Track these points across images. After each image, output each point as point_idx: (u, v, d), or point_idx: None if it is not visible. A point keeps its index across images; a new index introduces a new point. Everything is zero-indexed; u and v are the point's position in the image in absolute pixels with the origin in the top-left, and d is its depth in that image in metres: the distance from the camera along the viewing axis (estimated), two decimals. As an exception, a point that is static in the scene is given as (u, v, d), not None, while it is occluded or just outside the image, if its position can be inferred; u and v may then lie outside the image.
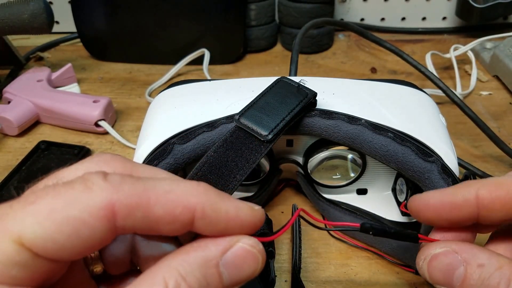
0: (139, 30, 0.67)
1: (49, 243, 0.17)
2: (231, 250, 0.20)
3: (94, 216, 0.17)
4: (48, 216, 0.17)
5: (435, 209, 0.24)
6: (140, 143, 0.36)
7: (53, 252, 0.17)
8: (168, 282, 0.18)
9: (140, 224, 0.18)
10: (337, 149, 0.39)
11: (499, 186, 0.23)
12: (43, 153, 0.50)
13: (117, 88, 0.64)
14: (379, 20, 0.79)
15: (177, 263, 0.19)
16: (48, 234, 0.17)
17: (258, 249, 0.20)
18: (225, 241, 0.20)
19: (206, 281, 0.19)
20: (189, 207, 0.19)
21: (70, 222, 0.17)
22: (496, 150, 0.47)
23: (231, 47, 0.69)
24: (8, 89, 0.56)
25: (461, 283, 0.22)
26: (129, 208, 0.18)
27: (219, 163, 0.29)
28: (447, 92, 0.50)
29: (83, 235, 0.17)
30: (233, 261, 0.20)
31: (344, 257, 0.38)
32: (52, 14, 0.55)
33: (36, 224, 0.17)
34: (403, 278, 0.36)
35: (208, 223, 0.19)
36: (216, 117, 0.35)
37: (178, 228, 0.19)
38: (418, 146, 0.33)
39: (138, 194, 0.18)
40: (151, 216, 0.18)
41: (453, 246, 0.23)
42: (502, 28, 0.75)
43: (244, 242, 0.20)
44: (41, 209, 0.17)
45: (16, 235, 0.17)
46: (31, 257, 0.17)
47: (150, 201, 0.18)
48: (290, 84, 0.34)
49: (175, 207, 0.19)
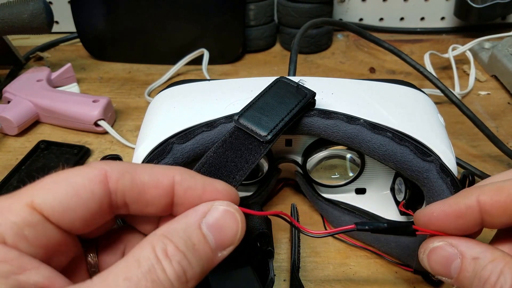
0: (138, 30, 0.68)
1: (56, 205, 0.19)
2: (209, 212, 0.22)
3: (91, 180, 0.20)
4: (54, 185, 0.20)
5: (440, 220, 0.25)
6: (140, 142, 0.36)
7: (60, 215, 0.20)
8: (155, 245, 0.20)
9: (130, 188, 0.21)
10: (336, 149, 0.39)
11: (499, 191, 0.23)
12: (43, 153, 0.50)
13: (117, 88, 0.64)
14: (378, 20, 0.80)
15: (162, 230, 0.21)
16: (55, 198, 0.19)
17: (234, 208, 0.22)
18: (202, 206, 0.22)
19: (191, 241, 0.21)
20: (170, 174, 0.22)
21: (72, 186, 0.20)
22: (494, 150, 0.48)
23: (230, 47, 0.69)
24: (8, 89, 0.56)
25: (457, 275, 0.23)
26: (119, 173, 0.21)
27: (218, 164, 0.30)
28: (445, 92, 0.50)
29: (84, 197, 0.20)
30: (214, 222, 0.22)
31: (343, 256, 0.38)
32: (51, 14, 0.55)
33: (45, 191, 0.20)
34: (402, 277, 0.36)
35: (186, 187, 0.22)
36: (215, 117, 0.35)
37: (162, 193, 0.22)
38: (416, 146, 0.33)
39: (126, 166, 0.22)
40: (138, 180, 0.21)
41: (450, 239, 0.24)
42: (500, 28, 0.75)
43: (219, 204, 0.22)
44: (48, 181, 0.20)
45: (28, 200, 0.19)
46: (42, 220, 0.19)
47: (137, 169, 0.22)
48: (289, 84, 0.34)
49: (157, 174, 0.22)
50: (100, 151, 0.52)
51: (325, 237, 0.40)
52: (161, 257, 0.19)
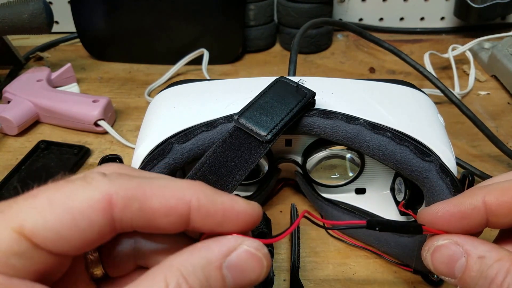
0: (138, 30, 0.68)
1: (49, 233, 0.17)
2: (235, 252, 0.19)
3: (92, 208, 0.18)
4: (49, 207, 0.17)
5: (444, 220, 0.24)
6: (139, 142, 0.36)
7: (53, 243, 0.17)
8: (169, 282, 0.18)
9: (137, 217, 0.19)
10: (336, 149, 0.39)
11: (505, 192, 0.23)
12: (43, 153, 0.50)
13: (117, 88, 0.64)
14: (378, 20, 0.80)
15: (179, 263, 0.19)
16: (48, 225, 0.17)
17: (263, 253, 0.20)
18: (229, 242, 0.20)
19: (208, 283, 0.19)
20: (184, 198, 0.19)
21: (69, 213, 0.17)
22: (494, 150, 0.48)
23: (230, 47, 0.69)
24: (8, 89, 0.56)
25: (462, 274, 0.23)
26: (126, 200, 0.18)
27: (218, 163, 0.30)
28: (445, 92, 0.50)
29: (82, 226, 0.18)
30: (237, 264, 0.19)
31: (343, 256, 0.38)
32: (51, 14, 0.55)
33: (37, 215, 0.17)
34: (401, 277, 0.36)
35: (204, 214, 0.19)
36: (215, 116, 0.35)
37: (175, 221, 0.19)
38: (416, 146, 0.33)
39: (134, 187, 0.19)
40: (148, 208, 0.19)
41: (455, 238, 0.24)
42: (500, 28, 0.75)
43: (248, 244, 0.20)
44: (42, 201, 0.18)
45: (17, 224, 0.17)
46: (31, 247, 0.17)
47: (146, 193, 0.19)
48: (289, 84, 0.35)
49: (170, 198, 0.19)
50: (100, 151, 0.52)
51: (322, 234, 0.40)
52: None
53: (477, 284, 0.22)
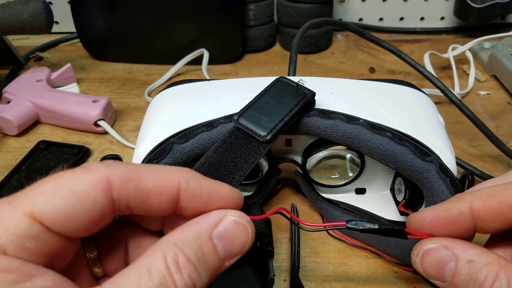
0: (138, 30, 0.68)
1: (57, 215, 0.19)
2: (221, 223, 0.22)
3: (94, 188, 0.20)
4: (55, 191, 0.19)
5: (432, 225, 0.25)
6: (139, 142, 0.36)
7: (62, 224, 0.19)
8: (166, 254, 0.20)
9: (133, 196, 0.21)
10: (336, 149, 0.39)
11: (491, 197, 0.23)
12: (43, 153, 0.50)
13: (117, 88, 0.64)
14: (378, 20, 0.80)
15: (174, 238, 0.21)
16: (56, 207, 0.19)
17: (246, 220, 0.23)
18: (215, 214, 0.22)
19: (202, 252, 0.21)
20: (174, 179, 0.22)
21: (74, 195, 0.19)
22: (494, 150, 0.48)
23: (230, 47, 0.69)
24: (7, 89, 0.56)
25: (451, 278, 0.23)
26: (123, 180, 0.21)
27: (218, 163, 0.30)
28: (445, 92, 0.50)
29: (86, 206, 0.20)
30: (225, 232, 0.22)
31: (343, 256, 0.38)
32: (51, 14, 0.55)
33: (45, 199, 0.19)
34: (402, 277, 0.36)
35: (191, 194, 0.22)
36: (215, 117, 0.35)
37: (166, 200, 0.22)
38: (416, 146, 0.33)
39: (130, 170, 0.21)
40: (142, 188, 0.21)
41: (444, 242, 0.24)
42: (500, 28, 0.75)
43: (231, 214, 0.22)
44: (48, 187, 0.19)
45: (28, 210, 0.19)
46: (43, 230, 0.19)
47: (141, 175, 0.21)
48: (289, 84, 0.35)
49: (162, 179, 0.21)
50: (100, 151, 0.52)
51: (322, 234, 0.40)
52: (172, 269, 0.19)
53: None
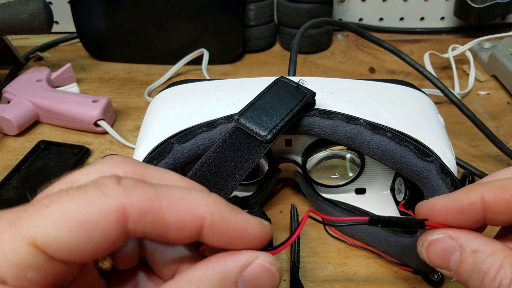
0: (138, 30, 0.68)
1: (62, 245, 0.17)
2: (250, 267, 0.20)
3: (107, 219, 0.18)
4: (62, 219, 0.17)
5: (441, 214, 0.24)
6: (139, 142, 0.36)
7: (67, 254, 0.17)
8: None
9: (151, 229, 0.19)
10: (336, 149, 0.39)
11: (504, 189, 0.23)
12: (43, 153, 0.50)
13: (117, 88, 0.64)
14: (378, 20, 0.80)
15: (197, 278, 0.19)
16: (62, 237, 0.17)
17: (276, 267, 0.20)
18: (244, 257, 0.20)
19: None
20: (199, 215, 0.19)
21: (83, 225, 0.17)
22: (494, 150, 0.48)
23: (230, 47, 0.69)
24: (7, 89, 0.56)
25: (457, 267, 0.23)
26: (141, 212, 0.18)
27: (218, 163, 0.30)
28: (445, 92, 0.50)
29: (96, 238, 0.18)
30: (252, 278, 0.20)
31: (343, 256, 0.38)
32: (51, 14, 0.55)
33: (50, 227, 0.17)
34: (401, 277, 0.36)
35: (216, 232, 0.19)
36: (215, 117, 0.35)
37: (187, 235, 0.19)
38: (416, 146, 0.33)
39: (150, 199, 0.18)
40: (162, 222, 0.19)
41: (449, 232, 0.24)
42: (500, 28, 0.75)
43: (263, 259, 0.20)
44: (56, 212, 0.17)
45: (31, 238, 0.17)
46: (46, 259, 0.17)
47: (162, 206, 0.19)
48: (289, 84, 0.35)
49: (185, 214, 0.19)
50: (100, 151, 0.52)
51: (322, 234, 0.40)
52: None
53: (471, 278, 0.23)
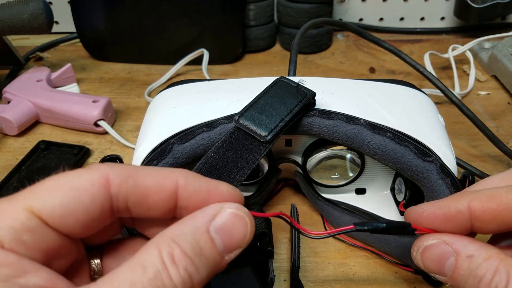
0: (138, 30, 0.68)
1: (55, 209, 0.19)
2: (219, 215, 0.21)
3: (93, 184, 0.20)
4: (54, 188, 0.20)
5: (429, 221, 0.25)
6: (140, 143, 0.36)
7: (60, 219, 0.19)
8: (161, 249, 0.19)
9: (132, 194, 0.21)
10: (336, 149, 0.39)
11: (490, 199, 0.23)
12: (43, 153, 0.50)
13: (117, 88, 0.64)
14: (378, 20, 0.80)
15: (169, 233, 0.20)
16: (55, 201, 0.19)
17: (244, 212, 0.22)
18: (211, 207, 0.22)
19: (199, 245, 0.20)
20: (173, 177, 0.22)
21: (73, 190, 0.20)
22: (494, 150, 0.48)
23: (230, 47, 0.69)
24: (7, 89, 0.56)
25: (452, 273, 0.23)
26: (122, 177, 0.21)
27: (218, 164, 0.30)
28: (445, 92, 0.50)
29: (86, 202, 0.20)
30: (222, 225, 0.21)
31: (343, 256, 0.38)
32: (51, 14, 0.55)
33: (45, 195, 0.19)
34: (402, 277, 0.36)
35: (190, 192, 0.22)
36: (215, 117, 0.35)
37: (165, 198, 0.21)
38: (416, 146, 0.33)
39: (129, 170, 0.21)
40: (141, 185, 0.21)
41: (444, 237, 0.24)
42: (500, 28, 0.75)
43: (228, 206, 0.22)
44: (49, 183, 0.20)
45: (27, 204, 0.19)
46: (40, 224, 0.19)
47: (140, 173, 0.21)
48: (289, 84, 0.35)
49: (160, 177, 0.21)
50: (100, 151, 0.52)
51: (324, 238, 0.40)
52: (167, 263, 0.19)
53: (466, 283, 0.23)
